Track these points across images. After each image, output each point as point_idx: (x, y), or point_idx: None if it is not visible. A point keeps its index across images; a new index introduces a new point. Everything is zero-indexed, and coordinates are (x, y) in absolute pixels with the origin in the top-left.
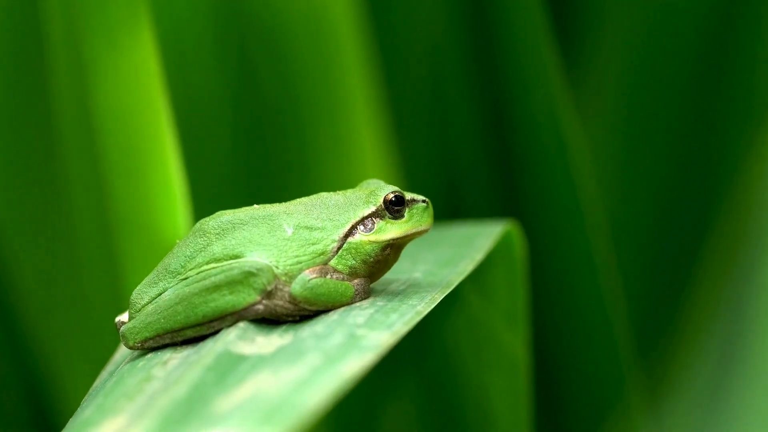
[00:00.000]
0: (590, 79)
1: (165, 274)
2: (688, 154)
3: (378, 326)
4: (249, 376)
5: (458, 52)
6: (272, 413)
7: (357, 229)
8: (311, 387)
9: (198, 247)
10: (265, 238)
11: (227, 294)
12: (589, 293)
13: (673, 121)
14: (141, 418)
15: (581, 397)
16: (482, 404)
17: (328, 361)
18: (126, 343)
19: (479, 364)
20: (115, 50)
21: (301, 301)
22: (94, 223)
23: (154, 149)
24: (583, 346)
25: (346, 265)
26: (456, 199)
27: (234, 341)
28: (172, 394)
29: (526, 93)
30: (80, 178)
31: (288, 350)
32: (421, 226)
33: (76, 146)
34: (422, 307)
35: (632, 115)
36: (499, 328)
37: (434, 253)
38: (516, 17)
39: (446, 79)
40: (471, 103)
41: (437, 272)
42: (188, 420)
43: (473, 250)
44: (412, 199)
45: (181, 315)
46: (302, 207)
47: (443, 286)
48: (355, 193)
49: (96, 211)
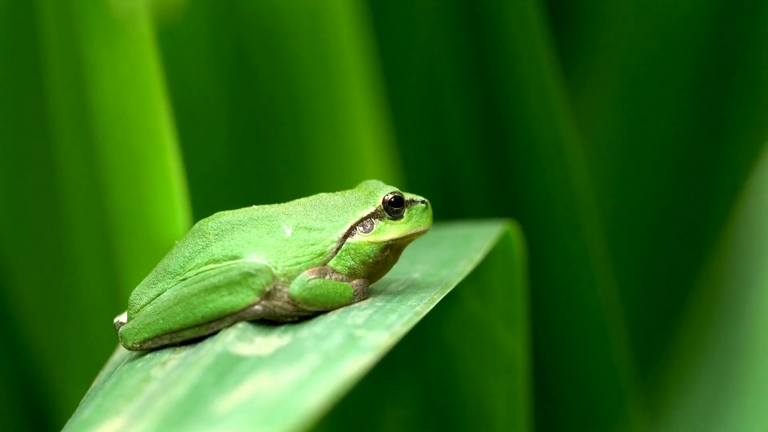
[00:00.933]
0: (588, 82)
1: (164, 274)
2: (686, 158)
3: (377, 327)
4: (248, 377)
5: (456, 54)
6: (271, 414)
7: (356, 230)
8: (310, 388)
9: (197, 247)
10: (264, 239)
11: (226, 295)
12: (587, 294)
13: (671, 124)
14: (140, 419)
15: (579, 398)
16: (480, 405)
17: (327, 362)
18: (125, 343)
19: (478, 364)
20: (113, 49)
21: (299, 302)
22: (92, 224)
23: (152, 150)
24: (580, 347)
25: (345, 266)
26: (454, 200)
27: (233, 342)
28: (170, 395)
29: (523, 95)
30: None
31: (287, 351)
32: (420, 226)
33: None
34: (421, 307)
35: (629, 117)
36: (497, 329)
37: (433, 254)
38: (513, 19)
39: (444, 80)
40: (469, 105)
41: (436, 273)
42: (187, 421)
43: (472, 250)
44: (411, 200)
45: (179, 316)
46: (301, 208)
47: (442, 287)
48: (354, 194)
49: (94, 212)
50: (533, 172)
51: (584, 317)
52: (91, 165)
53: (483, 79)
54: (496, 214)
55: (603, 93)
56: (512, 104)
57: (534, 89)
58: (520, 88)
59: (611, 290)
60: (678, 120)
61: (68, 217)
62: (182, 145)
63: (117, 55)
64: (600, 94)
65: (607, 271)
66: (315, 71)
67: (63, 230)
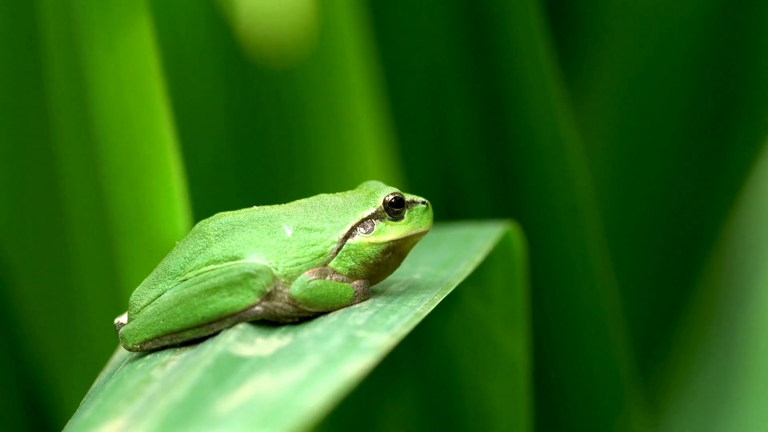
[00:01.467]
0: (588, 83)
1: (164, 275)
2: (686, 158)
3: (377, 328)
4: (248, 378)
5: (457, 55)
6: (272, 415)
7: (357, 231)
8: (311, 389)
9: (197, 248)
10: (265, 240)
11: (226, 296)
12: (587, 295)
13: (671, 125)
14: (140, 420)
15: (580, 398)
16: (481, 406)
17: (327, 363)
18: (125, 344)
19: (478, 365)
20: (114, 50)
21: (300, 303)
22: (93, 224)
23: (153, 150)
24: (581, 348)
25: (345, 267)
26: (455, 201)
27: (233, 343)
28: (171, 396)
29: (524, 95)
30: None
31: (287, 352)
32: (421, 227)
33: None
34: (422, 308)
35: (630, 117)
36: (498, 330)
37: (433, 255)
38: (515, 19)
39: (445, 80)
40: (470, 106)
41: (436, 274)
42: (187, 422)
43: (472, 251)
44: (411, 201)
45: (180, 317)
46: (302, 208)
47: (443, 288)
48: (354, 195)
49: (95, 212)
50: (534, 173)
51: (585, 318)
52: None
53: (484, 80)
54: (497, 215)
55: (604, 94)
56: (513, 105)
57: (535, 90)
58: (521, 89)
59: (612, 291)
60: (678, 120)
61: (69, 217)
62: (183, 146)
63: (118, 55)
64: (601, 95)
65: (608, 272)
66: (316, 71)
67: (64, 231)
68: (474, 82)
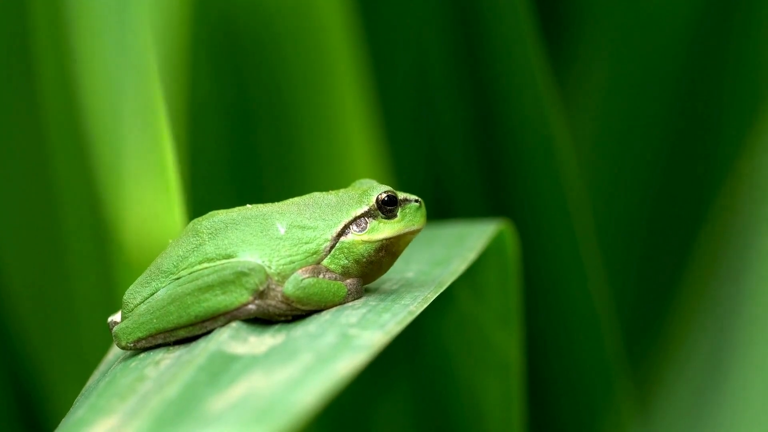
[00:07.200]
0: (578, 81)
1: (158, 273)
2: (676, 153)
3: (370, 326)
4: (241, 376)
5: (448, 53)
6: (265, 413)
7: (350, 229)
8: (304, 387)
9: (191, 247)
10: (258, 238)
11: (219, 294)
12: (579, 292)
13: (662, 120)
14: (133, 418)
15: (572, 396)
16: (474, 404)
17: (320, 361)
18: (119, 343)
19: (471, 363)
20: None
21: (293, 301)
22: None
23: (145, 149)
24: (573, 345)
25: (338, 265)
26: (446, 200)
27: (227, 341)
28: (164, 394)
29: (514, 94)
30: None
31: (280, 350)
32: (414, 225)
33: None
34: (415, 306)
35: (620, 114)
36: (491, 328)
37: (427, 253)
38: (504, 18)
39: (436, 79)
40: (461, 104)
41: (430, 272)
42: (181, 420)
43: (466, 249)
44: (404, 199)
45: (173, 315)
46: (295, 207)
47: (436, 286)
48: (347, 193)
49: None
50: (525, 171)
51: (577, 315)
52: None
53: (474, 78)
54: (489, 214)
55: (594, 92)
56: (504, 103)
57: (525, 88)
58: (511, 87)
59: (603, 288)
60: (668, 118)
61: (62, 216)
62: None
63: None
64: (591, 94)
65: (599, 270)
66: (307, 71)
67: (57, 229)
68: (465, 82)
